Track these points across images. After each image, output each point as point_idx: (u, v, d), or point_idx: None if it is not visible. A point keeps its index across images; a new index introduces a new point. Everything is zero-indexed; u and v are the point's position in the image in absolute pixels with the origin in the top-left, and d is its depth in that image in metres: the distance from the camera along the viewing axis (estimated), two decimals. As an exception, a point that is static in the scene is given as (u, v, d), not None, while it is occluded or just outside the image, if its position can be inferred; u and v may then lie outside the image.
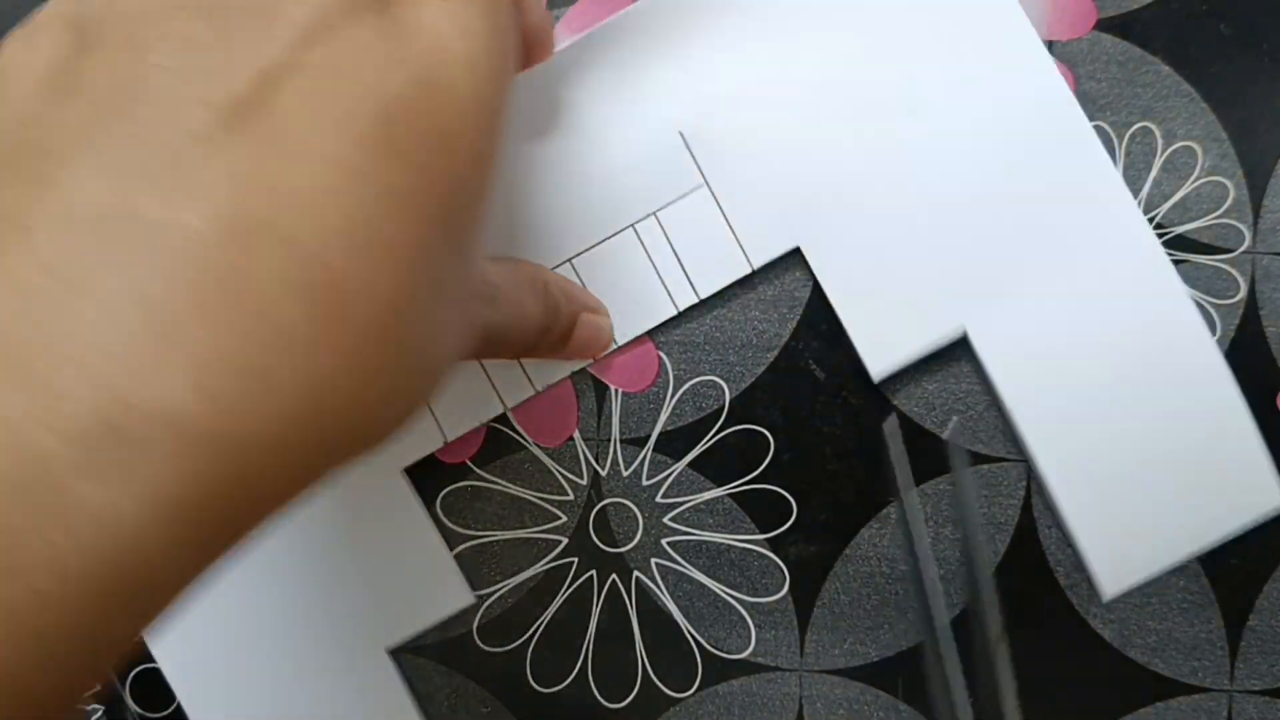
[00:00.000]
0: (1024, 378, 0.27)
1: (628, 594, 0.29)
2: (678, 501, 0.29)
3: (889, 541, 0.29)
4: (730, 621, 0.29)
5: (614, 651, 0.29)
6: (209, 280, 0.13)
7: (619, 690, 0.29)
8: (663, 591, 0.29)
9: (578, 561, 0.29)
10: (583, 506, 0.29)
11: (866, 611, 0.29)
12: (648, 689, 0.29)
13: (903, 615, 0.29)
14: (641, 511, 0.29)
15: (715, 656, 0.29)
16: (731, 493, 0.29)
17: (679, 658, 0.29)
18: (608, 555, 0.29)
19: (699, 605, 0.29)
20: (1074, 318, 0.27)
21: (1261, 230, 0.28)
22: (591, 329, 0.28)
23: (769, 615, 0.29)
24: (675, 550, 0.29)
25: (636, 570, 0.29)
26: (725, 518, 0.29)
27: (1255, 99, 0.28)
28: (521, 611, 0.29)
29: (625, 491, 0.29)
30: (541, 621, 0.29)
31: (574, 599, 0.29)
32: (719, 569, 0.29)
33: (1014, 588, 0.28)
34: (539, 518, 0.29)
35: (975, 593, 0.28)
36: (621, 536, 0.29)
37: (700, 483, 0.29)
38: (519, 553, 0.29)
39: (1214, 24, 0.28)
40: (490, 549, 0.29)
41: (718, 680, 0.29)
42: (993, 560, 0.28)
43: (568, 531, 0.29)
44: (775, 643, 0.29)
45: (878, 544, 0.29)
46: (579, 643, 0.29)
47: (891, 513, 0.29)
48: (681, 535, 0.29)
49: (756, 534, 0.29)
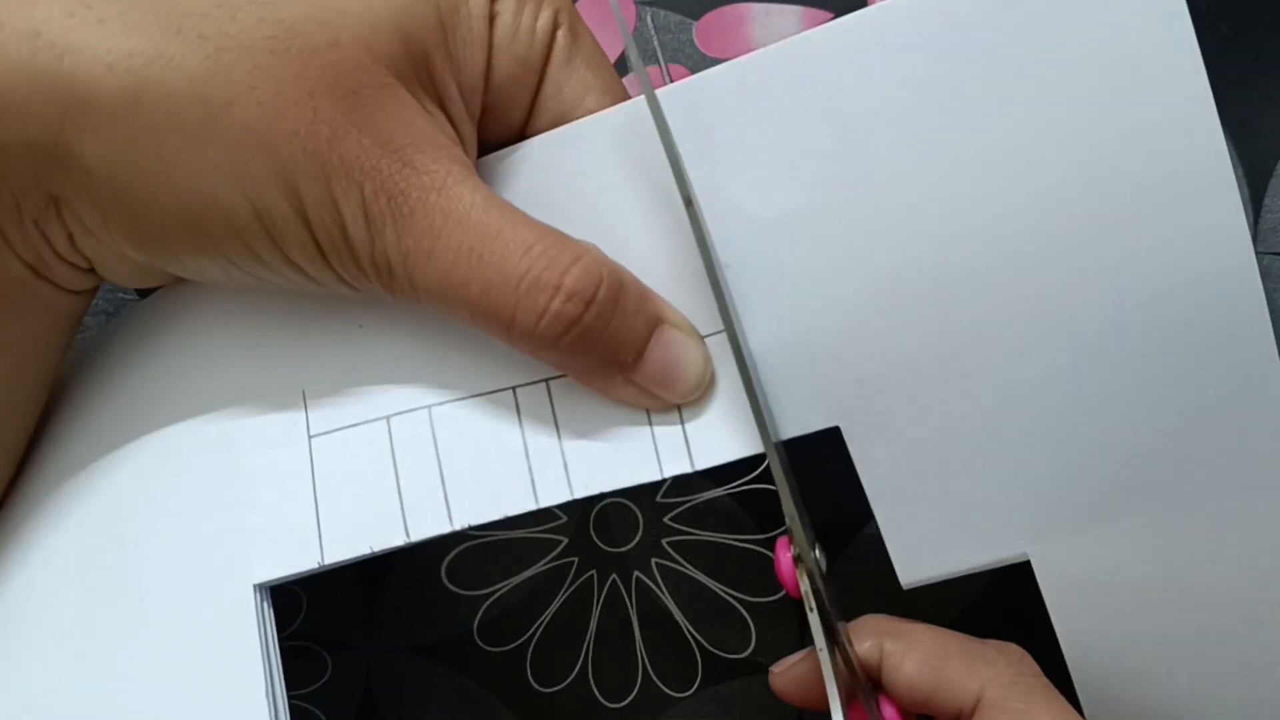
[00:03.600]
0: (1093, 626, 0.22)
1: (628, 594, 0.29)
2: (678, 501, 0.29)
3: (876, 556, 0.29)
4: (730, 621, 0.29)
5: (614, 651, 0.29)
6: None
7: (619, 690, 0.29)
8: (663, 591, 0.29)
9: (578, 561, 0.29)
10: (583, 506, 0.29)
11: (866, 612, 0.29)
12: (648, 689, 0.29)
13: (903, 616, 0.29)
14: (641, 511, 0.29)
15: (715, 656, 0.29)
16: (731, 493, 0.29)
17: (679, 658, 0.29)
18: (608, 555, 0.29)
19: (699, 605, 0.29)
20: (1179, 559, 0.21)
21: (1262, 230, 0.28)
22: (676, 350, 0.22)
23: (769, 615, 0.29)
24: (675, 550, 0.29)
25: (637, 570, 0.29)
26: (725, 518, 0.29)
27: (1255, 99, 0.28)
28: (521, 611, 0.29)
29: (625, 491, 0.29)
30: (541, 621, 0.29)
31: (574, 599, 0.29)
32: (719, 569, 0.29)
33: (1014, 588, 0.28)
34: (539, 518, 0.29)
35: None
36: (621, 536, 0.29)
37: (700, 483, 0.29)
38: (519, 553, 0.29)
39: (1214, 24, 0.28)
40: (490, 549, 0.29)
41: (718, 680, 0.29)
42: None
43: (568, 531, 0.29)
44: (775, 643, 0.29)
45: (878, 544, 0.29)
46: (579, 643, 0.29)
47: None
48: (681, 535, 0.29)
49: (756, 534, 0.29)
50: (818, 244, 0.21)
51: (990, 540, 0.22)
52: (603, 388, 0.22)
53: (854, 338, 0.21)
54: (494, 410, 0.22)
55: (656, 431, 0.22)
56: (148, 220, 0.20)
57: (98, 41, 0.19)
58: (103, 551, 0.24)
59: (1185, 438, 0.21)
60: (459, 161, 0.21)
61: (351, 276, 0.21)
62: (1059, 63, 0.20)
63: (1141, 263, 0.20)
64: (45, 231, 0.21)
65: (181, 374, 0.24)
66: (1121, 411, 0.21)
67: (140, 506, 0.24)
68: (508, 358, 0.22)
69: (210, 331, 0.24)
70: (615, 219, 0.22)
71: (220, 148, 0.19)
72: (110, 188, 0.20)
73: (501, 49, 0.22)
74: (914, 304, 0.21)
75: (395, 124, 0.20)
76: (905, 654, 0.22)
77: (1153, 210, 0.20)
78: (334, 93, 0.20)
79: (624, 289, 0.21)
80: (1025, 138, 0.20)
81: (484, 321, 0.21)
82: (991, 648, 0.22)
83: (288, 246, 0.20)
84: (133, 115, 0.19)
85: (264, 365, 0.24)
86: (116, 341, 0.26)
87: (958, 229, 0.21)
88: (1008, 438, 0.21)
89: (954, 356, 0.21)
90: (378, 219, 0.20)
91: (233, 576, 0.23)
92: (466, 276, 0.20)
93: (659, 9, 0.33)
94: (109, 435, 0.24)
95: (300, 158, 0.19)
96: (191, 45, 0.19)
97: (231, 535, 0.23)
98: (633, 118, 0.22)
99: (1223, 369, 0.20)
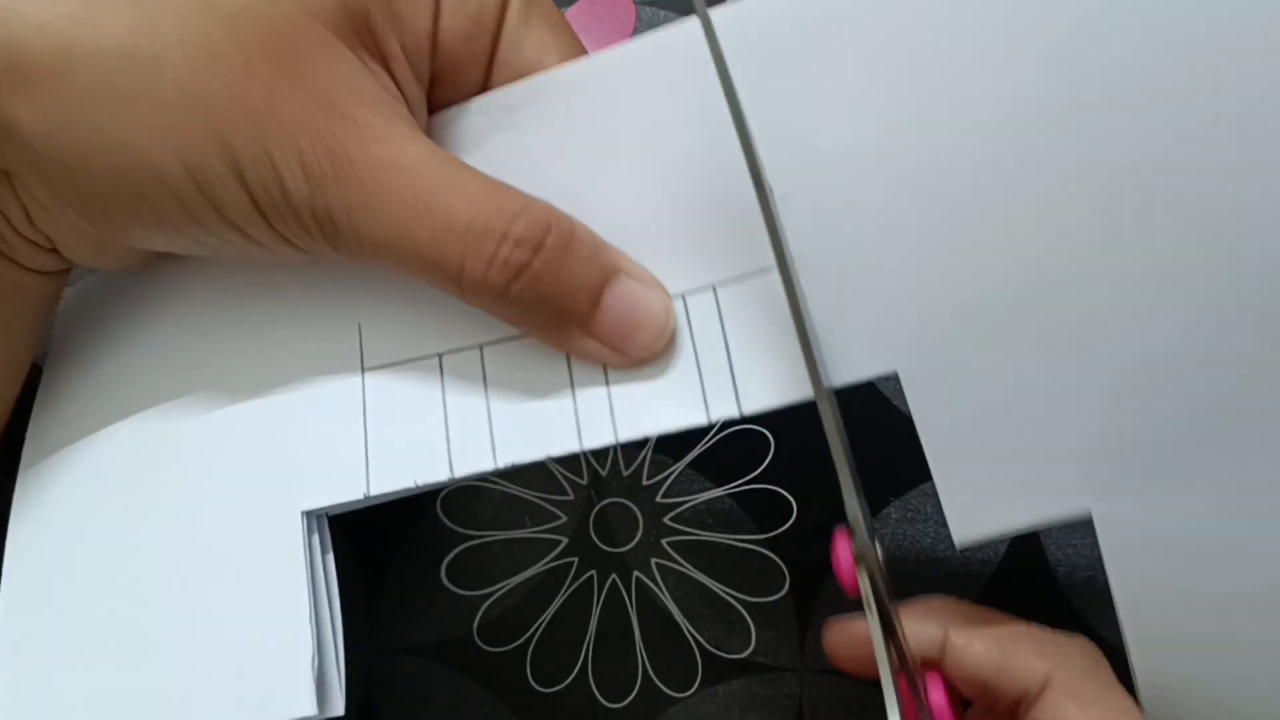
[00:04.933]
0: (1154, 589, 0.20)
1: (628, 594, 0.29)
2: (678, 501, 0.29)
3: (889, 541, 0.29)
4: (730, 621, 0.29)
5: (614, 651, 0.29)
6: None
7: (619, 690, 0.29)
8: (663, 591, 0.29)
9: (578, 561, 0.29)
10: (583, 506, 0.29)
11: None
12: (648, 689, 0.29)
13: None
14: (641, 511, 0.29)
15: (715, 656, 0.29)
16: (731, 493, 0.29)
17: (679, 658, 0.29)
18: (608, 555, 0.29)
19: (699, 605, 0.29)
20: (1249, 516, 0.20)
21: None
22: (634, 299, 0.21)
23: (769, 615, 0.29)
24: (675, 550, 0.29)
25: (636, 570, 0.29)
26: (725, 518, 0.29)
27: None
28: (521, 611, 0.29)
29: (625, 491, 0.29)
30: (541, 621, 0.29)
31: (574, 599, 0.29)
32: (719, 569, 0.29)
33: (1014, 587, 0.28)
34: (539, 518, 0.29)
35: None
36: (622, 536, 0.29)
37: (700, 483, 0.29)
38: (519, 553, 0.29)
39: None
40: (490, 549, 0.29)
41: (718, 680, 0.29)
42: (993, 559, 0.28)
43: (568, 531, 0.29)
44: (775, 643, 0.29)
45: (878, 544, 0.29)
46: (579, 643, 0.29)
47: (893, 512, 0.29)
48: (681, 535, 0.29)
49: (756, 534, 0.29)
50: (884, 179, 0.20)
51: (1053, 495, 0.20)
52: (563, 343, 0.21)
53: (919, 277, 0.20)
54: (544, 351, 0.22)
55: (704, 373, 0.21)
56: (88, 187, 0.20)
57: (27, 4, 0.19)
58: (154, 477, 0.24)
59: (1260, 390, 0.19)
60: (402, 117, 0.20)
61: (294, 235, 0.20)
62: (1158, 4, 0.19)
63: (1225, 208, 0.19)
64: (2, 208, 0.21)
65: (237, 304, 0.24)
66: (1195, 360, 0.19)
67: (193, 433, 0.24)
68: None
69: (270, 264, 0.24)
70: (596, 174, 0.22)
71: (149, 106, 0.19)
72: (50, 156, 0.19)
73: (451, 7, 0.22)
74: (984, 243, 0.20)
75: (332, 79, 0.20)
76: (975, 633, 0.21)
77: (1240, 153, 0.19)
78: (266, 47, 0.19)
79: (575, 236, 0.20)
80: (1107, 75, 0.20)
81: (432, 273, 0.20)
82: (1063, 635, 0.21)
83: (225, 207, 0.20)
84: (63, 77, 0.19)
85: (321, 298, 0.24)
86: (171, 272, 0.25)
87: (1034, 167, 0.20)
88: (1075, 386, 0.20)
89: (1023, 299, 0.20)
90: (317, 173, 0.19)
91: (282, 504, 0.23)
92: (413, 226, 0.20)
93: (658, 9, 0.33)
94: (163, 364, 0.25)
95: (233, 114, 0.19)
96: (120, 4, 0.19)
97: (281, 464, 0.23)
98: (610, 68, 0.22)
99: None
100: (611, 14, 0.32)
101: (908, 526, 0.28)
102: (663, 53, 0.22)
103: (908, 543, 0.28)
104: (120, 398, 0.25)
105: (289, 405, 0.23)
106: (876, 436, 0.28)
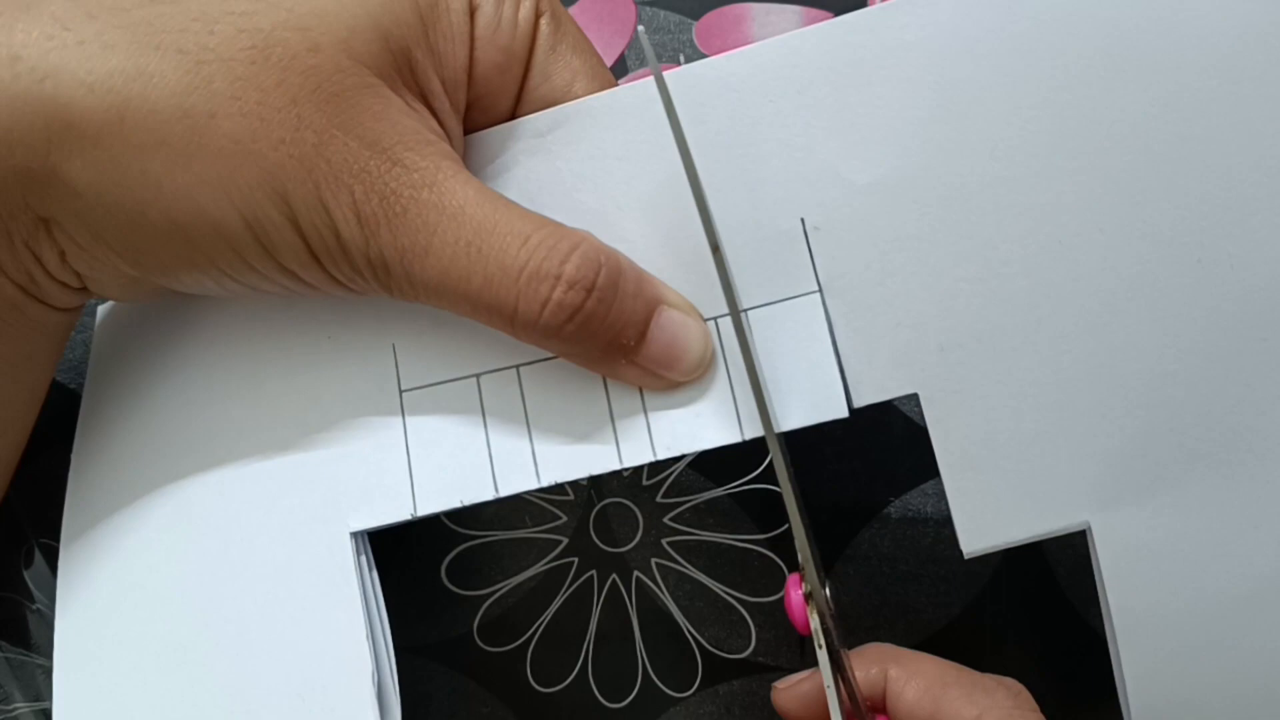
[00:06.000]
0: (1146, 596, 0.22)
1: (628, 594, 0.29)
2: (678, 501, 0.29)
3: (889, 541, 0.29)
4: (730, 621, 0.29)
5: (614, 651, 0.29)
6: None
7: (619, 690, 0.29)
8: (663, 591, 0.29)
9: (578, 561, 0.29)
10: (583, 506, 0.29)
11: (867, 611, 0.29)
12: (648, 689, 0.29)
13: (903, 615, 0.29)
14: (641, 511, 0.29)
15: (715, 656, 0.29)
16: (731, 493, 0.29)
17: (679, 658, 0.29)
18: (608, 555, 0.29)
19: (699, 605, 0.29)
20: (1239, 529, 0.21)
21: None
22: (677, 330, 0.22)
23: (769, 615, 0.29)
24: (675, 550, 0.29)
25: (637, 570, 0.29)
26: (725, 518, 0.29)
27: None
28: (521, 611, 0.29)
29: (625, 491, 0.29)
30: (541, 621, 0.29)
31: (574, 599, 0.29)
32: (719, 569, 0.29)
33: (1014, 588, 0.28)
34: (539, 518, 0.29)
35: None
36: (622, 536, 0.29)
37: (700, 483, 0.29)
38: (519, 553, 0.29)
39: None
40: (490, 549, 0.29)
41: (718, 680, 0.29)
42: (993, 559, 0.28)
43: (568, 531, 0.29)
44: (775, 643, 0.29)
45: (878, 544, 0.29)
46: (579, 643, 0.29)
47: (892, 512, 0.29)
48: (681, 535, 0.29)
49: (756, 534, 0.29)
50: (911, 210, 0.22)
51: (1055, 508, 0.22)
52: (607, 371, 0.22)
53: (941, 305, 0.22)
54: (580, 371, 0.23)
55: (737, 393, 0.22)
56: (139, 237, 0.20)
57: (78, 63, 0.19)
58: (203, 505, 0.24)
59: (1251, 408, 0.21)
60: (448, 157, 0.21)
61: (346, 278, 0.21)
62: (1172, 39, 0.21)
63: (1231, 242, 0.21)
64: (36, 252, 0.21)
65: (268, 330, 0.25)
66: (1191, 380, 0.21)
67: (238, 459, 0.24)
68: None
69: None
70: (624, 197, 0.23)
71: (206, 160, 0.19)
72: (100, 207, 0.20)
73: (484, 40, 0.22)
74: (1003, 273, 0.21)
75: (381, 124, 0.20)
76: (908, 681, 0.22)
77: (1251, 193, 0.21)
78: (317, 97, 0.20)
79: (622, 273, 0.21)
80: (1130, 115, 0.21)
81: (486, 314, 0.21)
82: (991, 680, 0.22)
83: (280, 253, 0.20)
84: (117, 134, 0.19)
85: (354, 321, 0.24)
86: (205, 299, 0.26)
87: (1052, 200, 0.21)
88: (1081, 407, 0.21)
89: (1037, 325, 0.21)
90: (371, 220, 0.20)
91: (331, 526, 0.23)
92: (466, 270, 0.20)
93: (658, 9, 0.33)
94: (205, 393, 0.25)
95: (288, 164, 0.19)
96: (171, 60, 0.19)
97: (326, 485, 0.24)
98: (640, 98, 0.23)
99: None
100: (612, 13, 0.32)
101: (908, 526, 0.28)
102: (691, 86, 0.22)
103: (908, 543, 0.28)
104: (163, 426, 0.25)
105: (330, 428, 0.24)
106: (877, 437, 0.28)
